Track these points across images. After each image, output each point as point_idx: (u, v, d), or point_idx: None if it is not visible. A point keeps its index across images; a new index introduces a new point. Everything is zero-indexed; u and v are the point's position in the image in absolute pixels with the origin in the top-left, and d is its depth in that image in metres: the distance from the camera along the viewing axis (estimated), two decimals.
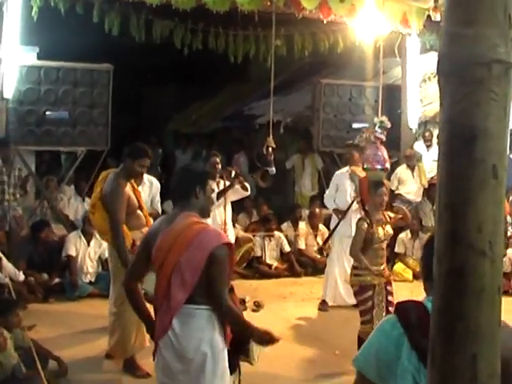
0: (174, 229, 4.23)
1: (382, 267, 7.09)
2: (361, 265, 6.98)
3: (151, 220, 7.17)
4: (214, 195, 8.60)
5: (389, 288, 7.12)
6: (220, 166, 9.33)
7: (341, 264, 9.48)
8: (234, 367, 4.47)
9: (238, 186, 9.23)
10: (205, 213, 4.51)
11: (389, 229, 7.14)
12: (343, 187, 9.59)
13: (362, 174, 8.62)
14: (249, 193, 9.53)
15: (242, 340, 4.44)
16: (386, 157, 8.54)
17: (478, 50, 1.57)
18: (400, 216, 7.74)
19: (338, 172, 9.90)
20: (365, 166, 8.55)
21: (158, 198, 8.73)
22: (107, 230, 6.88)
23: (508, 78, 1.60)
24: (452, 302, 1.66)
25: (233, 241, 9.22)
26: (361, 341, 6.64)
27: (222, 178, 9.37)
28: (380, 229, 7.04)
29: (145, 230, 6.81)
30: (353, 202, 9.38)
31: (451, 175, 1.64)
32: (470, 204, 1.61)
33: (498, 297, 1.66)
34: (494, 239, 1.62)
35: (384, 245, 7.21)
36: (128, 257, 6.67)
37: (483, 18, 1.56)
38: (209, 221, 8.37)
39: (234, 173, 9.33)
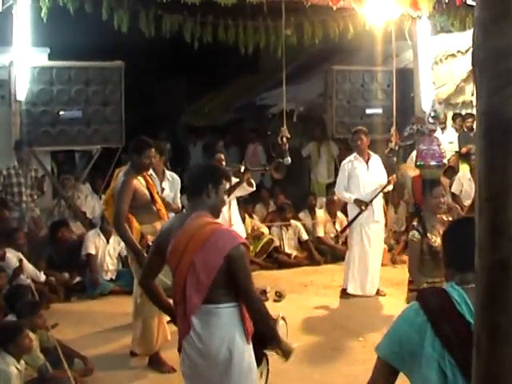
0: (187, 230, 4.22)
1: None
2: (417, 285, 6.14)
3: (170, 214, 7.27)
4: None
5: None
6: (224, 163, 9.19)
7: (363, 252, 9.44)
8: (260, 359, 4.47)
9: (244, 183, 9.14)
10: (215, 213, 4.45)
11: None
12: (356, 176, 9.43)
13: (414, 172, 7.88)
14: (254, 189, 9.43)
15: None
16: (443, 151, 7.73)
17: None
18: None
19: (345, 161, 9.70)
20: (418, 163, 7.79)
21: (178, 194, 8.79)
22: None
23: None
24: (495, 296, 1.65)
25: (243, 236, 9.18)
26: None
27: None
28: (436, 236, 6.15)
29: (157, 223, 6.93)
30: (378, 194, 9.31)
31: (490, 167, 1.63)
32: (511, 195, 1.59)
33: None
34: None
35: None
36: (136, 244, 6.83)
37: None
38: None
39: (243, 168, 9.20)
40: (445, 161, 7.68)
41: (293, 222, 11.76)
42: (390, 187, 9.56)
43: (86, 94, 10.89)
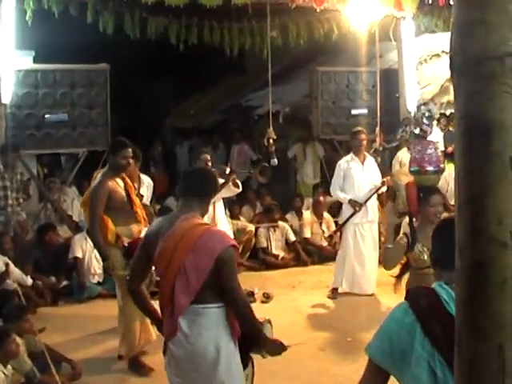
0: (176, 232, 4.21)
1: None
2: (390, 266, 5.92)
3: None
4: None
5: None
6: (210, 163, 9.20)
7: (358, 251, 9.47)
8: (246, 362, 4.47)
9: (230, 183, 9.14)
10: (203, 216, 4.56)
11: None
12: (351, 176, 9.48)
13: (407, 178, 7.28)
14: (240, 190, 9.43)
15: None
16: (440, 154, 7.15)
17: (490, 44, 1.58)
18: None
19: (341, 161, 9.73)
20: (412, 169, 7.25)
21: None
22: None
23: None
24: (475, 295, 1.67)
25: (231, 236, 9.17)
26: None
27: None
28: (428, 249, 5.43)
29: (133, 226, 7.00)
30: (373, 195, 9.35)
31: (469, 170, 1.66)
32: (489, 197, 1.63)
33: None
34: None
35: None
36: (104, 249, 6.92)
37: (493, 11, 1.57)
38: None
39: (228, 170, 9.21)
40: (442, 165, 7.14)
41: (280, 223, 11.77)
42: (384, 189, 9.60)
43: (71, 97, 10.88)
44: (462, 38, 1.63)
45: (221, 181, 9.04)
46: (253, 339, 4.40)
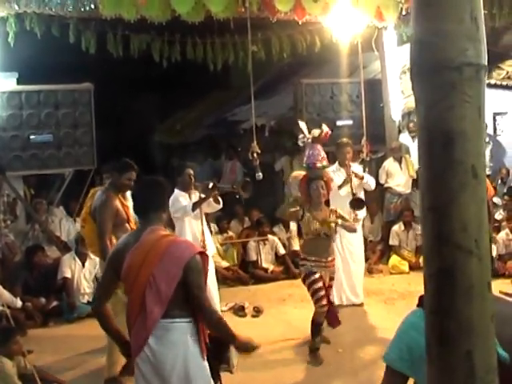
0: (143, 244, 4.22)
1: (327, 259, 7.66)
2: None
3: None
4: (189, 206, 8.48)
5: None
6: (193, 178, 9.14)
7: (344, 262, 9.48)
8: (215, 378, 4.46)
9: (211, 199, 9.08)
10: (170, 225, 4.58)
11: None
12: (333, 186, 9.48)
13: (300, 175, 8.64)
14: (220, 206, 9.37)
15: (221, 349, 4.44)
16: (321, 155, 8.52)
17: (448, 55, 1.60)
18: None
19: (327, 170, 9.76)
20: (305, 164, 8.66)
21: None
22: (96, 241, 7.10)
23: (479, 79, 1.63)
24: (443, 302, 1.69)
25: (214, 251, 9.16)
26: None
27: (196, 189, 9.12)
28: (316, 222, 7.64)
29: None
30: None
31: (432, 178, 1.67)
32: (453, 205, 1.64)
33: (487, 292, 1.68)
34: (480, 237, 1.65)
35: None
36: None
37: (450, 22, 1.59)
38: (188, 235, 8.32)
39: (211, 184, 9.16)
40: (324, 163, 8.43)
41: (270, 236, 11.76)
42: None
43: (56, 117, 10.88)
44: (420, 49, 1.65)
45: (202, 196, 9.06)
46: (221, 355, 4.40)
